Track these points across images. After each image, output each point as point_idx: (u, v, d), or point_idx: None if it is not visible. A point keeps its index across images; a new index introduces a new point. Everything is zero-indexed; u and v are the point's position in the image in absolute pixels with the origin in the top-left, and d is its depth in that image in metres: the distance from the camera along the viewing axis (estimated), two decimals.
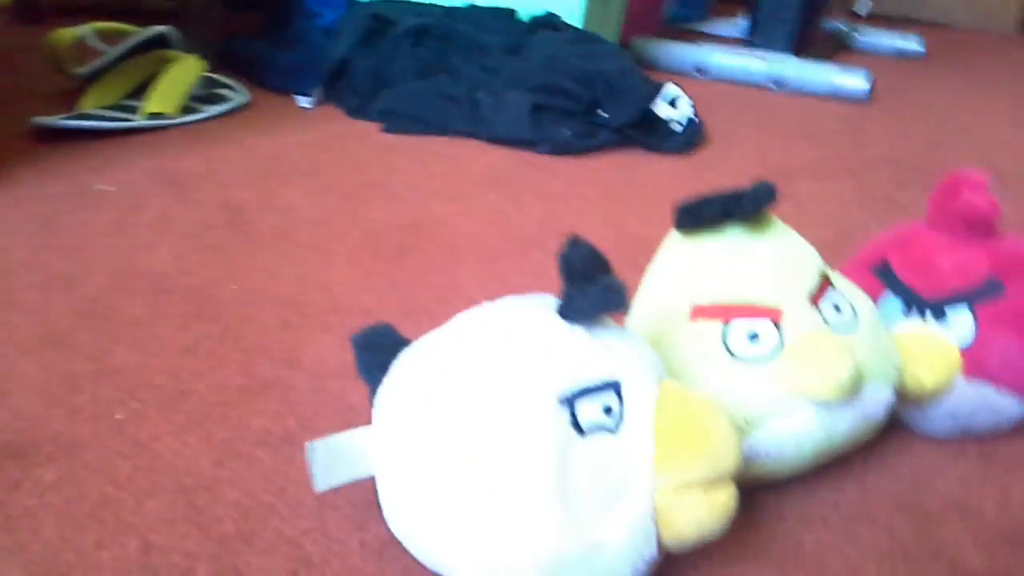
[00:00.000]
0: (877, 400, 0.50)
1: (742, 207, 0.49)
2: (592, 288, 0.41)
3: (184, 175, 1.02)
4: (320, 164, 1.09)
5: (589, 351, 0.41)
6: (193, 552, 0.46)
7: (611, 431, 0.40)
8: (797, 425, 0.47)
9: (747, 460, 0.48)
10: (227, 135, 1.18)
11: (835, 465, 0.53)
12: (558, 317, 0.42)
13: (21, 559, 0.45)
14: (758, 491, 0.51)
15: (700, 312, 0.50)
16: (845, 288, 0.52)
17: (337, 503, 0.50)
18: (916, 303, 0.56)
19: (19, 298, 0.71)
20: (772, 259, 0.50)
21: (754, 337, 0.48)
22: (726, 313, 0.49)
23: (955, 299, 0.54)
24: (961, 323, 0.54)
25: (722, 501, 0.41)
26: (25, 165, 1.01)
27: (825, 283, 0.51)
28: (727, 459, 0.41)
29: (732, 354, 0.48)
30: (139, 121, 1.16)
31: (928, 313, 0.55)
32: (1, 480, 0.50)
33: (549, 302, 0.43)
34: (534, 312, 0.43)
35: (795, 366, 0.47)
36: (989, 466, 0.55)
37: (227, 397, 0.60)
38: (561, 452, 0.39)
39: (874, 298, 0.56)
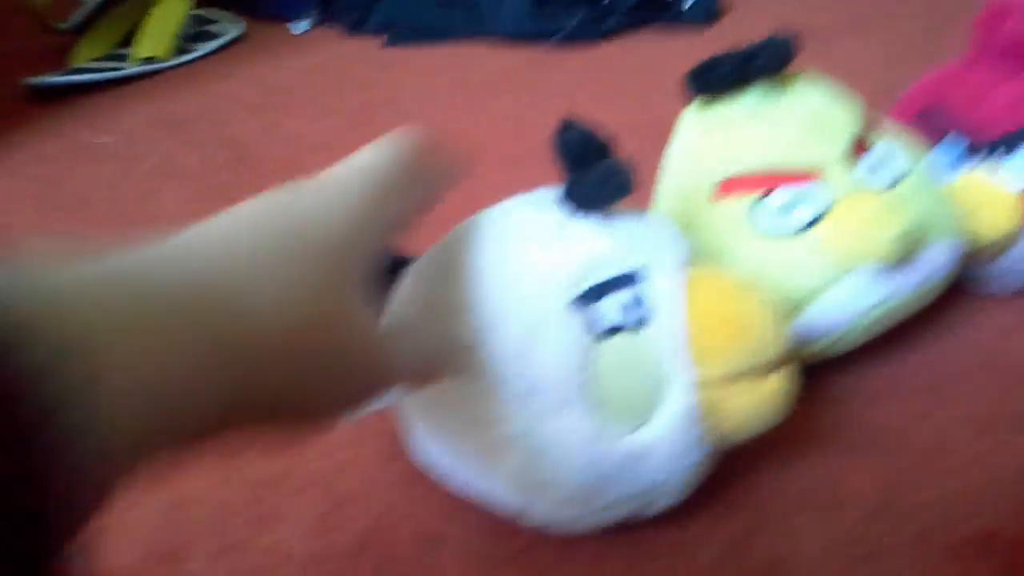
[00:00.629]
0: (935, 258, 0.45)
1: (758, 65, 0.44)
2: (593, 173, 0.37)
3: (183, 117, 0.98)
4: (322, 88, 1.04)
5: (596, 243, 0.37)
6: (226, 500, 0.44)
7: (634, 328, 0.36)
8: (849, 296, 0.43)
9: (799, 341, 0.44)
10: (223, 71, 1.13)
11: (897, 336, 0.49)
12: (560, 210, 0.38)
13: None
14: (815, 372, 0.47)
15: (726, 188, 0.45)
16: (890, 139, 0.47)
17: (369, 437, 0.47)
18: (971, 147, 0.50)
19: None
20: (800, 118, 0.45)
21: (789, 207, 0.44)
22: (754, 185, 0.45)
23: (1014, 137, 0.49)
24: (1020, 165, 0.49)
25: (773, 388, 0.37)
26: (22, 128, 0.97)
27: (865, 136, 0.46)
28: (772, 343, 0.36)
29: (766, 230, 0.44)
30: (131, 68, 1.11)
31: (985, 157, 0.50)
32: None
33: (548, 196, 0.39)
34: (532, 209, 0.39)
35: (839, 232, 0.43)
36: None
37: None
38: (580, 362, 0.35)
39: (926, 145, 0.51)
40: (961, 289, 0.52)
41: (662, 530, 0.39)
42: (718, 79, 0.45)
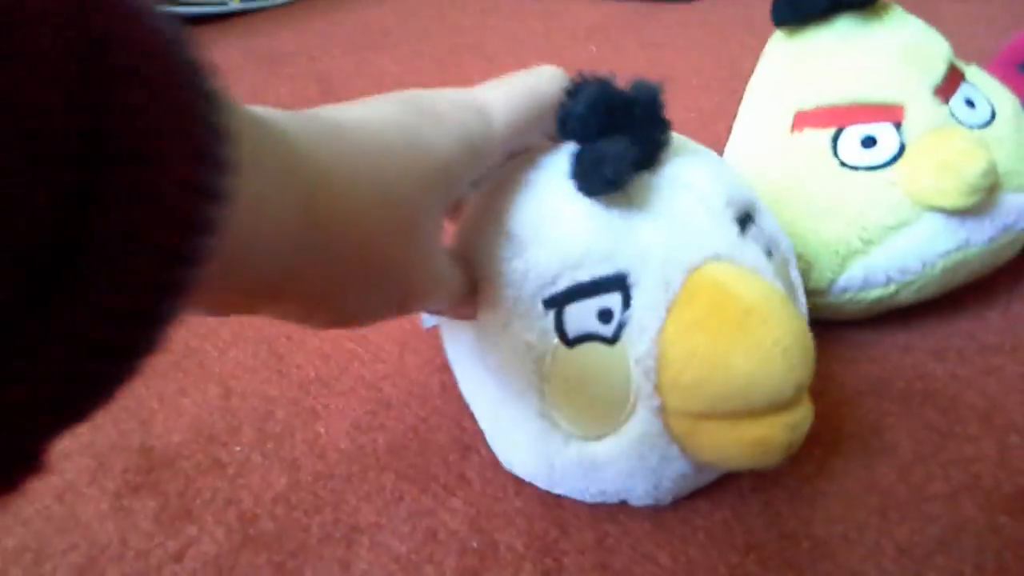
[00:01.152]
0: (1020, 209, 0.43)
1: None
2: (607, 149, 0.31)
3: (278, 52, 1.00)
4: (413, 30, 1.05)
5: (585, 237, 0.31)
6: (272, 396, 0.45)
7: (607, 340, 0.32)
8: (923, 239, 0.41)
9: (864, 283, 0.43)
10: (321, 11, 1.15)
11: (974, 291, 0.46)
12: (569, 187, 0.32)
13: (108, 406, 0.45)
14: (880, 319, 0.45)
15: (804, 120, 0.44)
16: (981, 81, 0.45)
17: (419, 348, 0.47)
18: None
19: None
20: (889, 50, 0.43)
21: (870, 141, 0.42)
22: (835, 118, 0.43)
23: None
24: None
25: (756, 435, 0.30)
26: None
27: (956, 74, 0.43)
28: (761, 389, 0.29)
29: (844, 163, 0.42)
30: (233, 4, 1.14)
31: None
32: None
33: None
34: (541, 181, 0.33)
35: (918, 168, 0.40)
36: None
37: None
38: (535, 364, 0.32)
39: (1021, 99, 0.48)
40: None
41: None
42: (807, 4, 0.43)
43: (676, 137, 0.35)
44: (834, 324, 0.46)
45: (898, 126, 0.42)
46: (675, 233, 0.32)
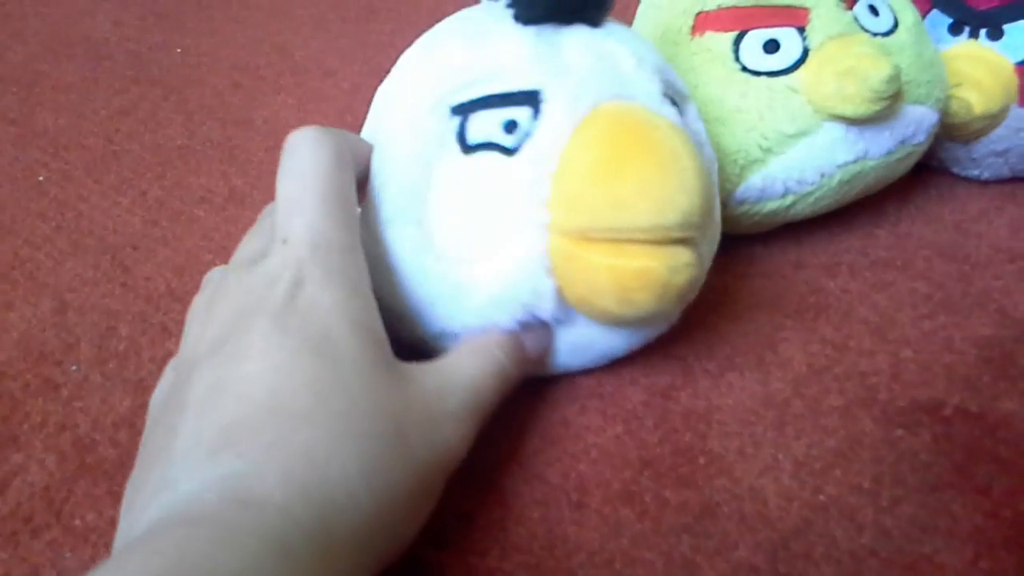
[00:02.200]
0: (919, 121, 0.42)
1: None
2: None
3: None
4: None
5: (511, 54, 0.31)
6: (115, 311, 0.40)
7: (506, 151, 0.30)
8: (823, 146, 0.39)
9: (761, 194, 0.41)
10: None
11: (864, 209, 0.45)
12: (508, 18, 0.32)
13: None
14: (772, 235, 0.44)
15: (705, 22, 0.41)
16: None
17: None
18: (966, 18, 0.46)
19: None
20: None
21: (773, 46, 0.40)
22: (738, 20, 0.40)
23: (1013, 10, 0.45)
24: (1019, 39, 0.45)
25: (634, 268, 0.28)
26: None
27: None
28: (646, 205, 0.28)
29: (746, 68, 0.40)
30: None
31: (981, 30, 0.46)
32: None
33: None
34: (481, 13, 0.34)
35: (821, 74, 0.38)
36: None
37: (166, 157, 0.52)
38: (427, 165, 0.31)
39: (921, 11, 0.46)
40: (935, 172, 0.49)
41: (593, 374, 0.36)
42: None
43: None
44: (727, 239, 0.44)
45: (801, 30, 0.39)
46: (597, 70, 0.32)
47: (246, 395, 0.23)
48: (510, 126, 0.31)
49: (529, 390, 0.35)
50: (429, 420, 0.26)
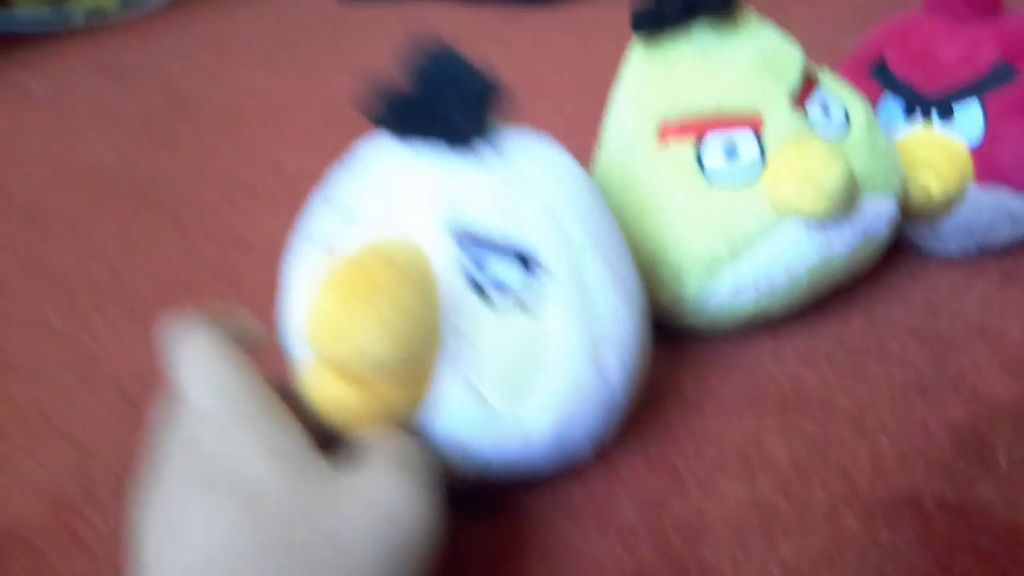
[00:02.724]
0: (878, 213, 0.44)
1: (705, 2, 0.42)
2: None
3: (126, 66, 0.95)
4: (272, 42, 1.01)
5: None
6: (130, 450, 0.42)
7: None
8: (787, 247, 0.42)
9: (734, 297, 0.43)
10: (173, 23, 1.10)
11: (838, 296, 0.47)
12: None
13: None
14: (754, 331, 0.46)
15: (668, 130, 0.43)
16: (836, 88, 0.46)
17: None
18: (918, 102, 0.49)
19: None
20: (746, 59, 0.43)
21: (732, 151, 0.42)
22: (698, 128, 0.43)
23: (961, 92, 0.47)
24: (970, 120, 0.47)
25: (329, 388, 0.31)
26: None
27: (810, 81, 0.44)
28: (341, 342, 0.30)
29: (708, 174, 0.42)
30: (77, 17, 1.07)
31: (933, 112, 0.48)
32: None
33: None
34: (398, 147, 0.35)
35: (779, 178, 0.41)
36: (1011, 284, 0.49)
37: (169, 286, 0.55)
38: None
39: (873, 101, 0.49)
40: (906, 248, 0.51)
41: (586, 484, 0.37)
42: (665, 13, 0.43)
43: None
44: (709, 339, 0.46)
45: (758, 135, 0.42)
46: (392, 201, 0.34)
47: (194, 566, 0.25)
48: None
49: (527, 508, 0.36)
50: (378, 520, 0.27)
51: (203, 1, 1.19)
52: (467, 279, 0.32)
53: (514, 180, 0.34)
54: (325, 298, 0.30)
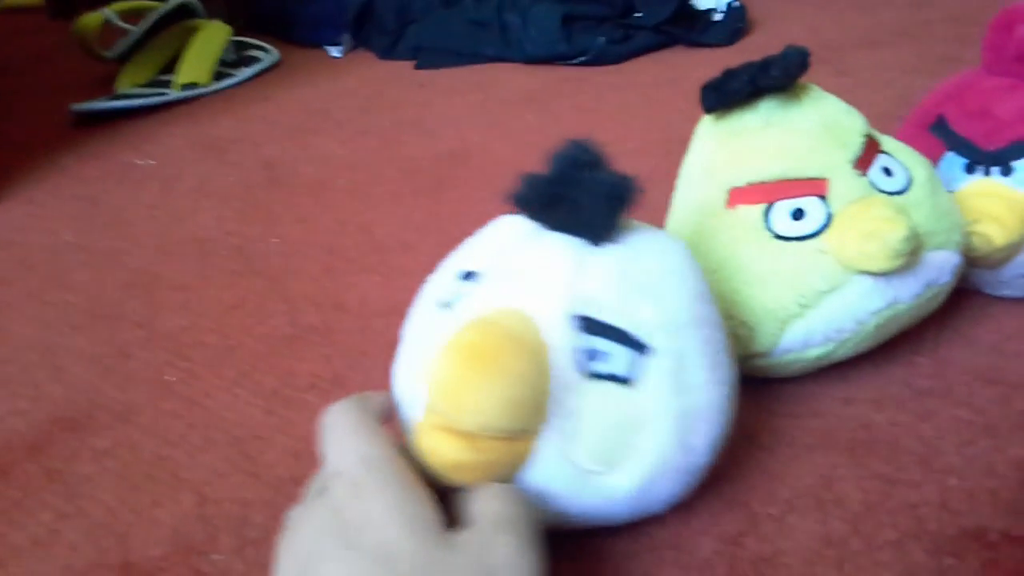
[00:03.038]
0: (941, 265, 0.46)
1: (771, 76, 0.45)
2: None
3: (221, 139, 1.02)
4: (354, 110, 1.08)
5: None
6: (248, 499, 0.46)
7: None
8: (855, 298, 0.44)
9: (804, 344, 0.45)
10: (261, 95, 1.17)
11: (905, 339, 0.49)
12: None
13: (82, 524, 0.46)
14: (822, 375, 0.48)
15: (737, 197, 0.47)
16: (897, 150, 0.48)
17: None
18: (978, 158, 0.51)
19: (70, 278, 0.72)
20: (810, 128, 0.46)
21: (799, 214, 0.45)
22: (766, 194, 0.46)
23: (1020, 148, 0.50)
24: None
25: (431, 446, 0.35)
26: (67, 151, 1.02)
27: (872, 146, 0.47)
28: (461, 410, 0.33)
29: (777, 235, 0.45)
30: (173, 94, 1.16)
31: (992, 168, 0.51)
32: (59, 451, 0.51)
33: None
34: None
35: (845, 237, 0.43)
36: None
37: (275, 347, 0.59)
38: None
39: (933, 159, 0.51)
40: (970, 293, 0.53)
41: (665, 524, 0.40)
42: (732, 91, 0.47)
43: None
44: (780, 382, 0.48)
45: (823, 198, 0.45)
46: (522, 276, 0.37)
47: None
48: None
49: (612, 545, 0.39)
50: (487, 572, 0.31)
51: (285, 74, 1.27)
52: (576, 359, 0.35)
53: (632, 271, 0.37)
54: (449, 363, 0.34)
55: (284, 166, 0.92)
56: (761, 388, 0.48)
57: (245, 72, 1.24)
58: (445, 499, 0.34)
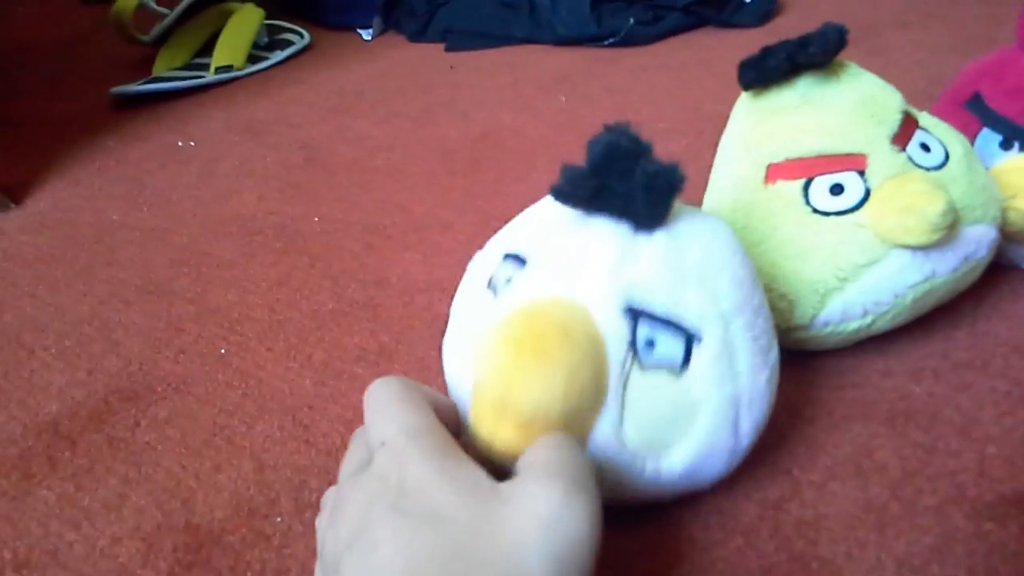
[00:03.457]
0: (979, 239, 0.47)
1: (809, 53, 0.46)
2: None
3: (259, 122, 1.03)
4: (387, 92, 1.09)
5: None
6: (304, 466, 0.48)
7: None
8: (893, 273, 0.45)
9: (843, 317, 0.46)
10: (295, 77, 1.19)
11: (943, 313, 0.50)
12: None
13: (148, 488, 0.48)
14: (859, 346, 0.49)
15: (776, 172, 0.48)
16: (934, 126, 0.49)
17: None
18: (1014, 134, 0.52)
19: (119, 255, 0.74)
20: (848, 104, 0.47)
21: (838, 189, 0.46)
22: (805, 169, 0.47)
23: None
24: None
25: (487, 431, 0.36)
26: (110, 133, 1.04)
27: (910, 122, 0.48)
28: (514, 398, 0.35)
29: (816, 209, 0.46)
30: (209, 77, 1.18)
31: None
32: (121, 421, 0.53)
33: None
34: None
35: (883, 212, 0.44)
36: None
37: (321, 321, 0.61)
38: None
39: (969, 135, 0.52)
40: (1006, 269, 0.54)
41: (711, 490, 0.41)
42: (770, 68, 0.48)
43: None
44: (819, 354, 0.49)
45: (862, 173, 0.46)
46: (569, 264, 0.38)
47: None
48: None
49: (657, 511, 0.41)
50: (541, 529, 0.30)
51: (318, 57, 1.28)
52: (630, 348, 0.36)
53: (682, 261, 0.38)
54: (502, 352, 0.35)
55: (321, 147, 0.93)
56: (801, 361, 0.49)
57: (278, 55, 1.26)
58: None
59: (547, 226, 0.40)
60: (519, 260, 0.40)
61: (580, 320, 0.36)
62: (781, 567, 0.38)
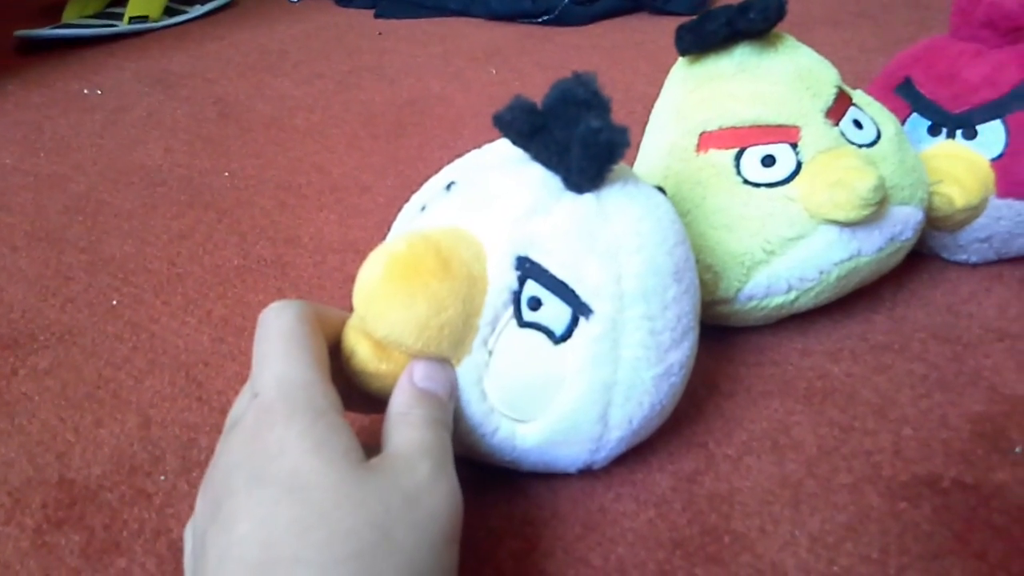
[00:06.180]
0: (905, 220, 0.46)
1: (749, 19, 0.45)
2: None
3: (172, 74, 0.98)
4: (311, 53, 1.05)
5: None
6: (194, 423, 0.45)
7: None
8: (820, 247, 0.44)
9: (767, 291, 0.45)
10: (214, 33, 1.13)
11: (863, 297, 0.50)
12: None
13: (20, 440, 0.44)
14: (780, 325, 0.48)
15: (708, 141, 0.46)
16: (867, 104, 0.48)
17: None
18: (943, 120, 0.52)
19: (9, 200, 0.69)
20: (785, 75, 0.46)
21: (769, 160, 0.45)
22: (737, 139, 0.46)
23: (984, 112, 0.50)
24: (992, 137, 0.50)
25: (358, 350, 0.34)
26: (12, 77, 0.98)
27: (844, 98, 0.47)
28: (372, 317, 0.33)
29: (747, 180, 0.45)
30: (122, 27, 1.12)
31: (957, 130, 0.51)
32: None
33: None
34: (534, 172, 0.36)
35: (813, 185, 0.43)
36: None
37: (225, 277, 0.58)
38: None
39: (899, 119, 0.52)
40: (927, 257, 0.53)
41: (623, 461, 0.40)
42: (708, 32, 0.46)
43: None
44: (739, 330, 0.48)
45: (794, 146, 0.45)
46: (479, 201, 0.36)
47: (244, 557, 0.27)
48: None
49: (568, 480, 0.39)
50: (407, 502, 0.29)
51: (241, 14, 1.23)
52: (512, 300, 0.34)
53: (597, 231, 0.35)
54: (374, 268, 0.33)
55: (237, 103, 0.89)
56: (722, 337, 0.48)
57: (198, 9, 1.21)
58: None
59: (487, 160, 0.38)
60: (450, 187, 0.38)
61: (468, 256, 0.33)
62: (693, 540, 0.36)
